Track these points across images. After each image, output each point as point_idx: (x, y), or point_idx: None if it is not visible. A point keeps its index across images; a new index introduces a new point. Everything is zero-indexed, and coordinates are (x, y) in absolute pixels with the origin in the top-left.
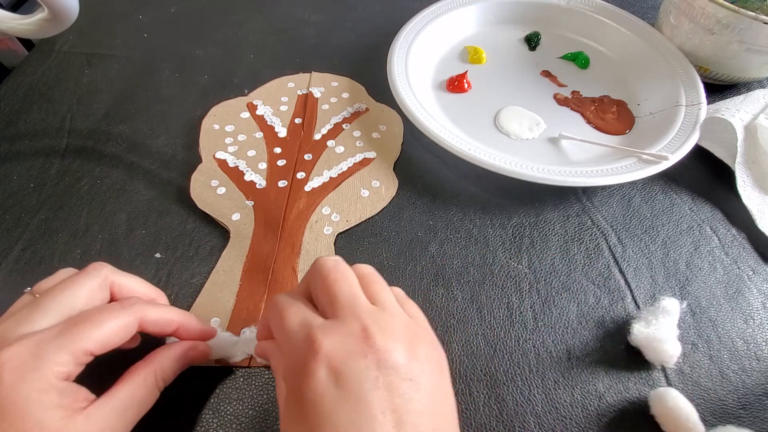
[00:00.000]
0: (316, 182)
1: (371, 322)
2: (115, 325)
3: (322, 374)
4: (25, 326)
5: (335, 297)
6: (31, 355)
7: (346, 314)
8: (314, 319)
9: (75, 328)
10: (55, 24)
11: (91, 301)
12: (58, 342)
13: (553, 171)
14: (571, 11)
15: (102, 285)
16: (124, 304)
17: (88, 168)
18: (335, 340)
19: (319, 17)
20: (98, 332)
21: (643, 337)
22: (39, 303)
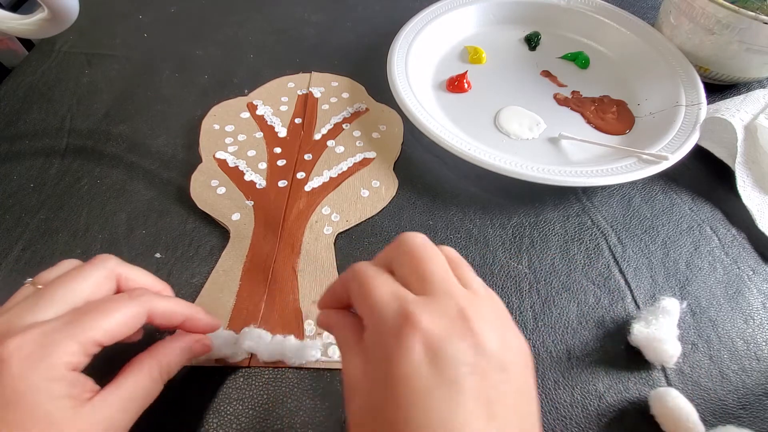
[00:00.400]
0: (316, 182)
1: (467, 304)
2: (124, 316)
3: (419, 350)
4: (31, 316)
5: (428, 275)
6: (39, 344)
7: (441, 293)
8: (406, 293)
9: (83, 318)
10: (55, 24)
11: (97, 292)
12: (66, 331)
13: (553, 171)
14: (571, 11)
15: (108, 276)
16: (132, 295)
17: (88, 168)
18: (433, 317)
19: (319, 17)
20: (107, 322)
21: (643, 337)
22: (44, 293)
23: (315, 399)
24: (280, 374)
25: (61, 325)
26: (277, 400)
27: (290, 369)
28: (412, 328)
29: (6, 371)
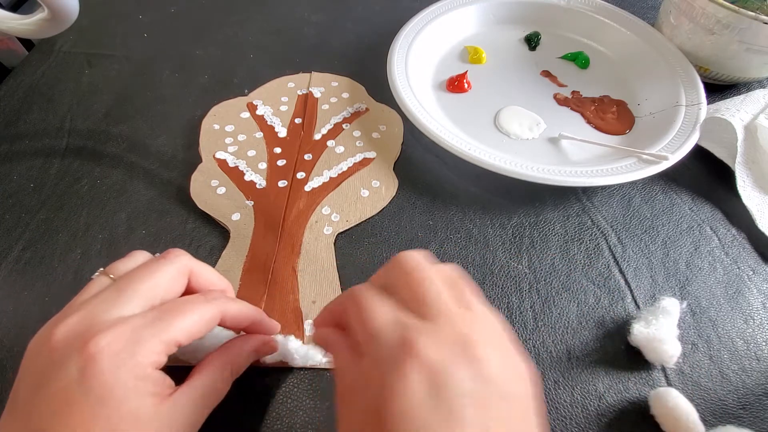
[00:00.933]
0: (316, 182)
1: (468, 329)
2: (201, 317)
3: (417, 380)
4: (114, 310)
5: (426, 298)
6: (128, 342)
7: (440, 317)
8: (406, 318)
9: (167, 317)
10: (55, 24)
11: (172, 287)
12: (151, 330)
13: (553, 171)
14: (571, 11)
15: (181, 272)
16: (208, 297)
17: (88, 168)
18: (434, 343)
19: (319, 17)
20: (187, 323)
21: (643, 337)
22: (123, 287)
23: (315, 399)
24: (280, 374)
25: (147, 323)
26: (277, 400)
27: (290, 369)
28: (413, 357)
29: (96, 367)
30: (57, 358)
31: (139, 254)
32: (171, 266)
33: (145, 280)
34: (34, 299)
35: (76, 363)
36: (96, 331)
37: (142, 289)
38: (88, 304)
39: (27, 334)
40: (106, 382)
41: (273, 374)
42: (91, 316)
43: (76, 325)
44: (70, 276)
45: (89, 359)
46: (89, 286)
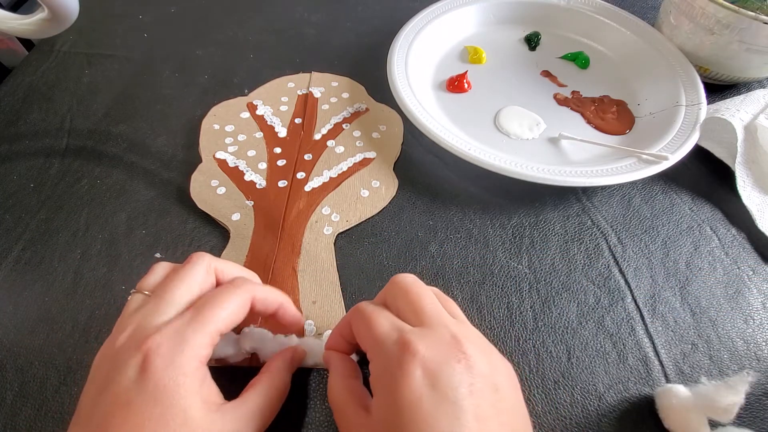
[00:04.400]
0: (316, 182)
1: (458, 331)
2: (236, 304)
3: (419, 376)
4: (157, 317)
5: (421, 308)
6: (175, 341)
7: (435, 323)
8: (404, 325)
9: (205, 311)
10: (55, 24)
11: (203, 287)
12: (193, 326)
13: (553, 171)
14: (571, 11)
15: (208, 271)
16: (236, 284)
17: (88, 168)
18: (429, 344)
19: (319, 17)
20: (225, 312)
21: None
22: (162, 296)
23: (315, 399)
24: None
25: (188, 320)
26: None
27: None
28: (412, 356)
29: (150, 368)
30: (118, 361)
31: (161, 266)
32: (199, 268)
33: (179, 286)
34: (34, 299)
35: (134, 364)
36: (148, 335)
37: (178, 294)
38: (137, 316)
39: (27, 334)
40: (159, 381)
41: None
42: (140, 328)
43: (133, 332)
44: (70, 276)
45: (145, 357)
46: (129, 304)
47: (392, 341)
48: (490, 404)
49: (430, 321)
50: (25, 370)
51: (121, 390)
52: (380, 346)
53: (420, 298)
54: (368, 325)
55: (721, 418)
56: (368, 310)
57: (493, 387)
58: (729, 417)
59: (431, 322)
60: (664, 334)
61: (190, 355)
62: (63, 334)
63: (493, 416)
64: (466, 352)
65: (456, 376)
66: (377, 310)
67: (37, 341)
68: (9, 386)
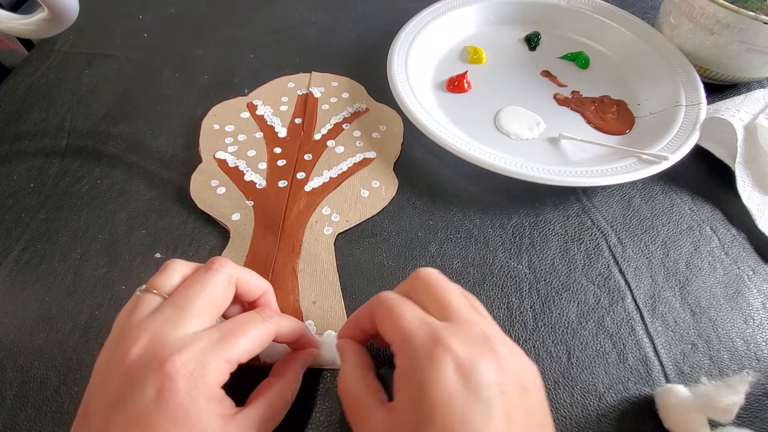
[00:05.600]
0: (316, 182)
1: (487, 329)
2: (260, 336)
3: (451, 373)
4: (180, 328)
5: (449, 303)
6: (198, 362)
7: (463, 319)
8: (432, 319)
9: (230, 338)
10: (55, 24)
11: (225, 298)
12: (217, 351)
13: (553, 171)
14: (571, 11)
15: (230, 281)
16: (264, 316)
17: (88, 168)
18: (461, 341)
19: (319, 17)
20: (248, 343)
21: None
22: (182, 304)
23: (315, 399)
24: None
25: (213, 343)
26: None
27: None
28: (444, 351)
29: (174, 388)
30: (134, 377)
31: (178, 266)
32: (221, 277)
33: (201, 296)
34: (34, 299)
35: (153, 383)
36: (170, 352)
37: (200, 305)
38: (152, 323)
39: (27, 334)
40: (183, 403)
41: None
42: (161, 336)
43: (149, 344)
44: (70, 276)
45: (167, 379)
46: (139, 304)
47: (422, 336)
48: (519, 404)
49: (458, 317)
50: (25, 370)
51: (140, 410)
52: (409, 340)
53: (447, 292)
54: (395, 318)
55: (721, 418)
56: (395, 302)
57: (522, 387)
58: (729, 417)
59: (460, 318)
60: (664, 334)
61: (211, 379)
62: (63, 334)
63: (521, 416)
64: (497, 351)
65: (488, 375)
66: (404, 302)
67: (37, 341)
68: (9, 386)
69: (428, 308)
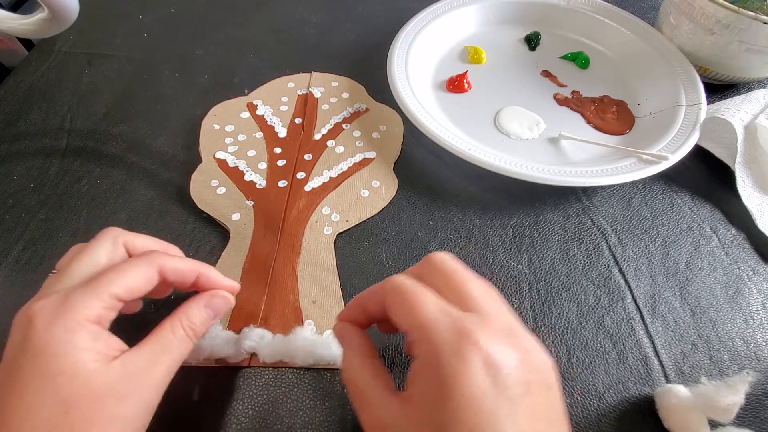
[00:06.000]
0: (316, 182)
1: (513, 322)
2: (137, 273)
3: (480, 369)
4: (57, 286)
5: (469, 292)
6: (60, 303)
7: (487, 311)
8: (453, 309)
9: (101, 277)
10: (55, 24)
11: (111, 258)
12: (84, 289)
13: (553, 171)
14: (571, 11)
15: (114, 244)
16: (145, 255)
17: (88, 168)
18: (489, 334)
19: (319, 17)
20: (123, 278)
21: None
22: (63, 271)
23: (315, 399)
24: (280, 374)
25: (81, 285)
26: (277, 400)
27: (290, 369)
28: (472, 346)
29: (32, 328)
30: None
31: (76, 246)
32: (104, 242)
33: (81, 260)
34: None
35: (19, 330)
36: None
37: (79, 267)
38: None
39: None
40: (40, 339)
41: (273, 374)
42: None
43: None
44: None
45: (28, 322)
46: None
47: (446, 327)
48: (543, 402)
49: (481, 308)
50: None
51: (10, 357)
52: (430, 331)
53: (467, 280)
54: (413, 305)
55: (721, 418)
56: (411, 288)
57: (546, 385)
58: (729, 417)
59: (483, 310)
60: (664, 334)
61: (75, 314)
62: None
63: (544, 415)
64: (525, 347)
65: (516, 373)
66: (421, 289)
67: None
68: None
69: (446, 296)
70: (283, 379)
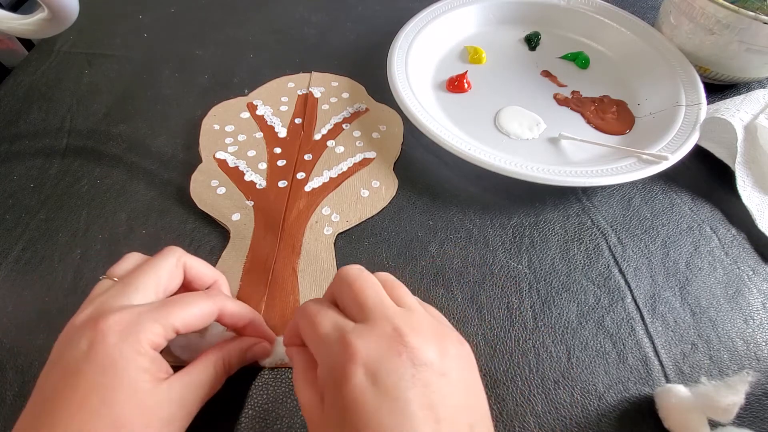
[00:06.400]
0: (316, 182)
1: (401, 322)
2: (200, 310)
3: (360, 376)
4: (123, 299)
5: (364, 302)
6: (132, 322)
7: (377, 317)
8: (346, 323)
9: (169, 306)
10: (55, 24)
11: (171, 278)
12: (153, 315)
13: (553, 171)
14: (571, 11)
15: (177, 264)
16: (209, 294)
17: (88, 168)
18: (369, 341)
19: (319, 17)
20: (186, 313)
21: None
22: (130, 282)
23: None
24: (280, 374)
25: (150, 309)
26: (277, 400)
27: (290, 369)
28: (351, 357)
29: (104, 341)
30: (72, 336)
31: (133, 256)
32: (169, 260)
33: (147, 274)
34: (34, 299)
35: (86, 338)
36: (107, 314)
37: (145, 282)
38: (99, 298)
39: (27, 334)
40: (109, 354)
41: (273, 375)
42: (103, 305)
43: (92, 312)
44: (70, 276)
45: (97, 333)
46: (96, 289)
47: (334, 341)
48: (437, 390)
49: (373, 315)
50: (25, 370)
51: (72, 361)
52: (323, 346)
53: (362, 291)
54: (311, 326)
55: (721, 418)
56: (312, 310)
57: (439, 373)
58: (729, 417)
59: (373, 317)
60: (664, 334)
61: (143, 337)
62: None
63: (440, 402)
64: (407, 344)
65: (396, 371)
66: (320, 309)
67: (37, 341)
68: (9, 386)
69: (348, 310)
70: (283, 379)
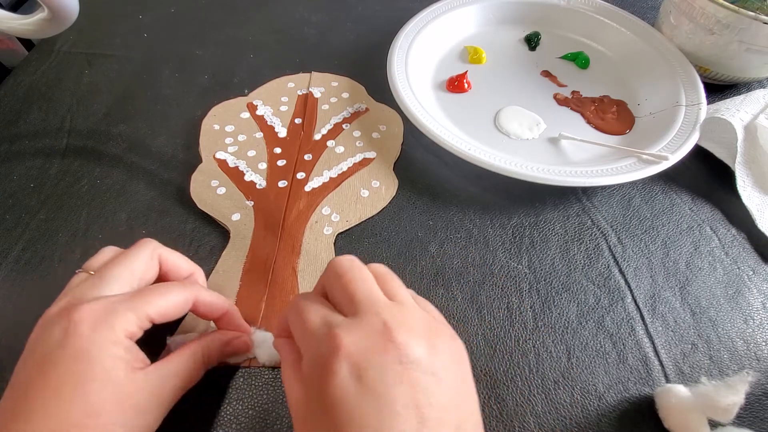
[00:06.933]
0: (316, 182)
1: (391, 317)
2: (175, 299)
3: (344, 372)
4: (97, 291)
5: (353, 295)
6: (105, 311)
7: (366, 311)
8: (334, 317)
9: (143, 296)
10: (55, 24)
11: (146, 270)
12: (127, 304)
13: (553, 171)
14: (571, 11)
15: (152, 255)
16: (184, 284)
17: (88, 168)
18: (356, 337)
19: (319, 17)
20: (161, 302)
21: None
22: (104, 273)
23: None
24: (280, 374)
25: (125, 299)
26: (277, 400)
27: None
28: (337, 351)
29: (77, 330)
30: (46, 327)
31: (109, 249)
32: (143, 252)
33: (121, 266)
34: (34, 299)
35: (61, 327)
36: (80, 304)
37: (119, 273)
38: (74, 290)
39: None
40: (83, 344)
41: (273, 375)
42: (76, 297)
43: (65, 303)
44: (70, 276)
45: (71, 323)
46: (71, 282)
47: (321, 336)
48: (424, 389)
49: (362, 309)
50: None
51: (46, 351)
52: (310, 341)
53: (352, 283)
54: (300, 320)
55: (721, 418)
56: (301, 304)
57: (428, 371)
58: (729, 417)
59: (363, 310)
60: (664, 334)
61: (117, 326)
62: None
63: (426, 402)
64: (395, 341)
65: (382, 367)
66: (310, 303)
67: None
68: None
69: (339, 304)
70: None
